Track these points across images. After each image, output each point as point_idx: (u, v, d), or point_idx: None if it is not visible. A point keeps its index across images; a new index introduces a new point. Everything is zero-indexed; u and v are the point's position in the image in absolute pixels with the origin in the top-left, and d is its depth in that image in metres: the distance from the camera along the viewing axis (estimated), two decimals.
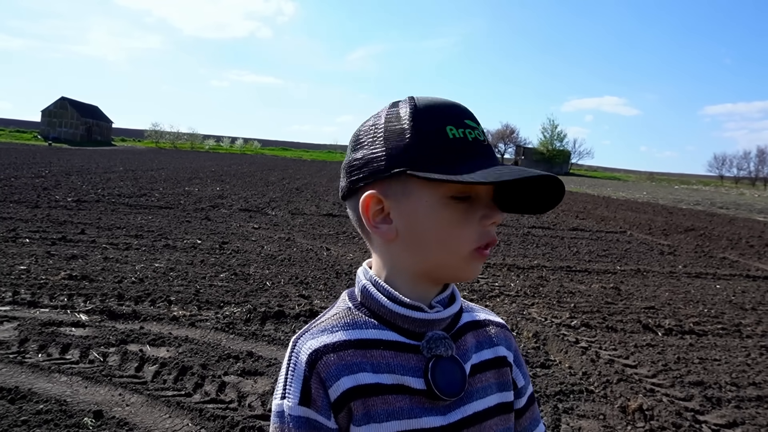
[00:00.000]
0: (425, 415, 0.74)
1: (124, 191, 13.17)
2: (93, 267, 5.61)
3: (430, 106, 0.75)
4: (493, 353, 0.84)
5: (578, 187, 41.06)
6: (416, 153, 0.72)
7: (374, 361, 0.74)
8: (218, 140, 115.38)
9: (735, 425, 3.19)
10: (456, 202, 0.74)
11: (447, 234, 0.75)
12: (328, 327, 0.77)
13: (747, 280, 7.60)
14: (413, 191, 0.74)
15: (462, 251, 0.76)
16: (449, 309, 0.80)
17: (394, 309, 0.76)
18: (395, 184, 0.75)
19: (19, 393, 2.92)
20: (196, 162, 36.33)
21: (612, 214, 16.72)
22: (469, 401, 0.78)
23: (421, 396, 0.74)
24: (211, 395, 3.10)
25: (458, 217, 0.74)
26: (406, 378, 0.74)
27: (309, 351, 0.74)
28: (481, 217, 0.75)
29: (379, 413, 0.72)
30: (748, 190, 63.67)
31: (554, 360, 4.05)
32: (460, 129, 0.74)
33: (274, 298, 4.98)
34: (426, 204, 0.74)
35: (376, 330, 0.77)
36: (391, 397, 0.73)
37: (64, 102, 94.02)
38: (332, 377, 0.72)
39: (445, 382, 0.75)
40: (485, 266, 7.18)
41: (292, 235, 8.66)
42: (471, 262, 0.77)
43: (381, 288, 0.78)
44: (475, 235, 0.75)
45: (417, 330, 0.77)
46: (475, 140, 0.74)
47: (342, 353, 0.74)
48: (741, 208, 26.90)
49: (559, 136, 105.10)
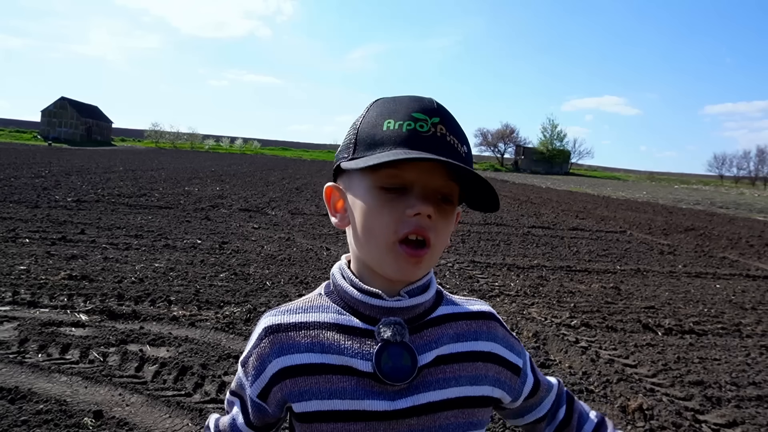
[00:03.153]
0: (370, 398, 0.76)
1: (124, 191, 13.16)
2: (93, 267, 5.61)
3: (384, 102, 0.80)
4: (470, 347, 0.84)
5: (578, 186, 41.05)
6: (354, 147, 0.78)
7: (325, 342, 0.78)
8: (218, 140, 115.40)
9: (735, 425, 3.19)
10: (384, 192, 0.76)
11: (371, 222, 0.77)
12: (292, 309, 0.83)
13: (747, 279, 7.60)
14: (353, 182, 0.80)
15: (385, 241, 0.76)
16: (415, 299, 0.81)
17: (354, 295, 0.81)
18: (346, 178, 0.82)
19: (19, 393, 2.92)
20: (195, 162, 36.32)
21: (612, 214, 16.72)
22: (426, 390, 0.78)
23: (368, 379, 0.76)
24: (211, 395, 3.10)
25: (382, 205, 0.76)
26: (354, 360, 0.77)
27: (264, 326, 0.82)
28: (406, 207, 0.74)
29: (322, 391, 0.76)
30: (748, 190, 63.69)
31: (554, 360, 4.05)
32: (399, 122, 0.75)
33: (274, 298, 4.98)
34: (358, 194, 0.78)
35: (335, 314, 0.81)
36: (335, 377, 0.76)
37: (64, 102, 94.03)
38: (273, 354, 0.79)
39: (390, 366, 0.76)
40: (485, 266, 7.18)
41: (292, 234, 8.66)
42: (396, 258, 0.76)
43: (346, 276, 0.83)
44: (396, 225, 0.74)
45: (377, 316, 0.79)
46: (412, 131, 0.74)
47: (291, 333, 0.79)
48: (741, 207, 26.90)
49: (559, 135, 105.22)
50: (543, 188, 33.46)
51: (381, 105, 0.80)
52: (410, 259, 0.75)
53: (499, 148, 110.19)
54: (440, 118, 0.76)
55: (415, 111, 0.76)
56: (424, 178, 0.75)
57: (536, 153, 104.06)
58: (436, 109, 0.77)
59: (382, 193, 0.76)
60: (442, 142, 0.75)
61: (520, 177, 58.26)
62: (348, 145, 0.80)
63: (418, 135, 0.74)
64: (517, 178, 53.60)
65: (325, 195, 0.86)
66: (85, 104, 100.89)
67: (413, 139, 0.74)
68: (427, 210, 0.74)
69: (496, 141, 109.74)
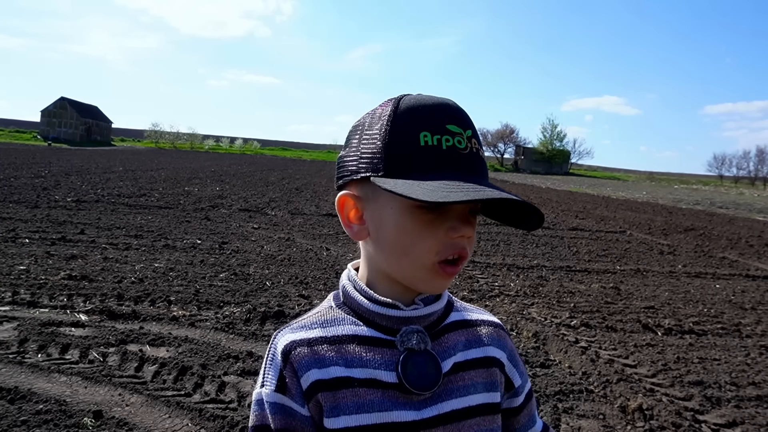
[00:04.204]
0: (397, 408, 0.74)
1: (123, 191, 13.16)
2: (93, 267, 5.61)
3: (411, 107, 0.74)
4: (482, 353, 0.83)
5: (578, 186, 41.06)
6: (385, 159, 0.72)
7: (348, 356, 0.76)
8: (218, 140, 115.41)
9: (735, 425, 3.19)
10: (422, 212, 0.72)
11: (409, 243, 0.74)
12: (307, 324, 0.80)
13: (747, 279, 7.60)
14: (381, 195, 0.75)
15: (424, 262, 0.74)
16: (430, 306, 0.80)
17: (370, 308, 0.78)
18: (367, 187, 0.76)
19: (18, 393, 2.92)
20: (195, 162, 36.32)
21: (612, 214, 16.72)
22: (448, 398, 0.77)
23: (394, 390, 0.75)
24: (210, 395, 3.09)
25: (421, 227, 0.73)
26: (378, 372, 0.75)
27: (285, 343, 0.77)
28: (448, 229, 0.72)
29: (349, 406, 0.74)
30: (748, 190, 63.70)
31: (554, 360, 4.05)
32: (436, 136, 0.71)
33: (273, 298, 4.97)
34: (391, 210, 0.74)
35: (352, 326, 0.78)
36: (362, 391, 0.74)
37: (64, 102, 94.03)
38: (303, 368, 0.75)
39: (415, 375, 0.74)
40: (485, 266, 7.18)
41: (292, 235, 8.66)
42: (434, 276, 0.75)
43: (359, 288, 0.80)
44: (439, 246, 0.73)
45: (394, 327, 0.78)
46: (452, 149, 0.71)
47: (315, 348, 0.76)
48: (740, 207, 26.91)
49: (558, 135, 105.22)
50: (543, 188, 33.47)
51: (411, 110, 0.74)
52: (448, 276, 0.75)
53: (498, 148, 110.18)
54: (472, 131, 0.74)
55: (450, 123, 0.73)
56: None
57: (536, 153, 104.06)
58: (466, 119, 0.75)
59: (419, 213, 0.72)
60: (478, 159, 0.74)
61: (519, 177, 58.27)
62: (373, 156, 0.73)
63: (459, 155, 0.72)
64: (516, 178, 53.61)
65: (338, 204, 0.80)
66: (84, 104, 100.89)
67: (455, 160, 0.71)
68: (470, 232, 0.73)
69: (495, 141, 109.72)
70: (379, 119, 0.75)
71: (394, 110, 0.74)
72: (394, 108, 0.74)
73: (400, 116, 0.73)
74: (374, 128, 0.75)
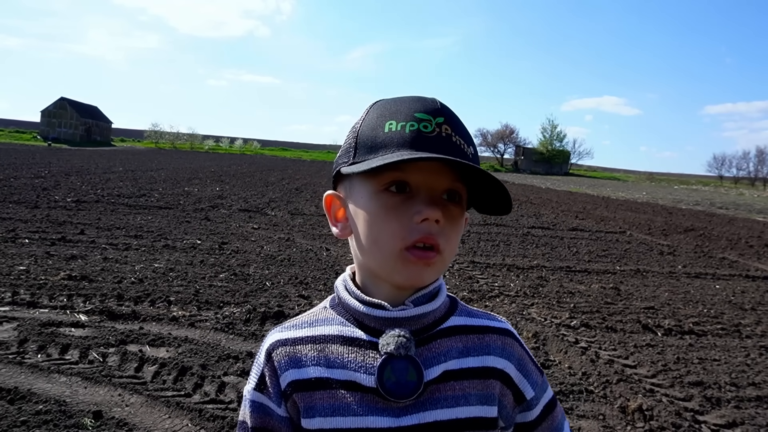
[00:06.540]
0: (373, 414, 0.72)
1: (123, 191, 13.16)
2: (92, 267, 5.61)
3: (385, 104, 0.77)
4: (480, 362, 0.78)
5: (578, 187, 41.06)
6: (354, 151, 0.75)
7: (330, 356, 0.75)
8: (217, 140, 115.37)
9: (734, 425, 3.19)
10: (389, 195, 0.72)
11: (377, 230, 0.73)
12: (298, 323, 0.80)
13: (746, 280, 7.60)
14: (354, 188, 0.76)
15: (391, 248, 0.72)
16: (421, 308, 0.76)
17: (358, 308, 0.77)
18: (346, 184, 0.78)
19: (18, 393, 2.92)
20: (195, 162, 36.31)
21: (612, 215, 16.72)
22: (433, 408, 0.73)
23: (373, 394, 0.72)
24: (210, 395, 3.09)
25: (387, 212, 0.72)
26: (358, 375, 0.73)
27: (270, 342, 0.79)
28: (414, 213, 0.70)
29: (325, 407, 0.73)
30: (748, 190, 63.70)
31: (554, 360, 4.05)
32: (401, 123, 0.72)
33: (273, 299, 4.97)
34: (361, 199, 0.75)
35: (339, 326, 0.78)
36: (339, 393, 0.73)
37: (64, 102, 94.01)
38: (282, 368, 0.76)
39: (393, 382, 0.71)
40: (485, 266, 7.18)
41: (292, 235, 8.66)
42: (405, 264, 0.72)
43: (349, 288, 0.80)
44: (404, 231, 0.70)
45: (382, 328, 0.75)
46: (416, 131, 0.71)
47: (298, 347, 0.77)
48: (740, 208, 26.91)
49: (558, 136, 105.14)
50: (543, 189, 33.46)
51: (381, 106, 0.76)
52: (419, 262, 0.71)
53: (498, 148, 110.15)
54: (444, 118, 0.73)
55: (418, 111, 0.72)
56: (430, 181, 0.72)
57: (536, 153, 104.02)
58: (439, 109, 0.74)
59: (385, 197, 0.72)
60: (448, 142, 0.71)
61: (519, 177, 58.25)
62: (348, 150, 0.76)
63: (422, 135, 0.71)
64: (516, 178, 53.59)
65: (325, 204, 0.82)
66: (84, 104, 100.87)
67: (417, 140, 0.70)
68: (435, 215, 0.70)
69: (495, 141, 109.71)
70: (359, 121, 0.78)
71: (367, 110, 0.78)
72: (369, 108, 0.78)
73: (372, 112, 0.77)
74: (352, 129, 0.78)
